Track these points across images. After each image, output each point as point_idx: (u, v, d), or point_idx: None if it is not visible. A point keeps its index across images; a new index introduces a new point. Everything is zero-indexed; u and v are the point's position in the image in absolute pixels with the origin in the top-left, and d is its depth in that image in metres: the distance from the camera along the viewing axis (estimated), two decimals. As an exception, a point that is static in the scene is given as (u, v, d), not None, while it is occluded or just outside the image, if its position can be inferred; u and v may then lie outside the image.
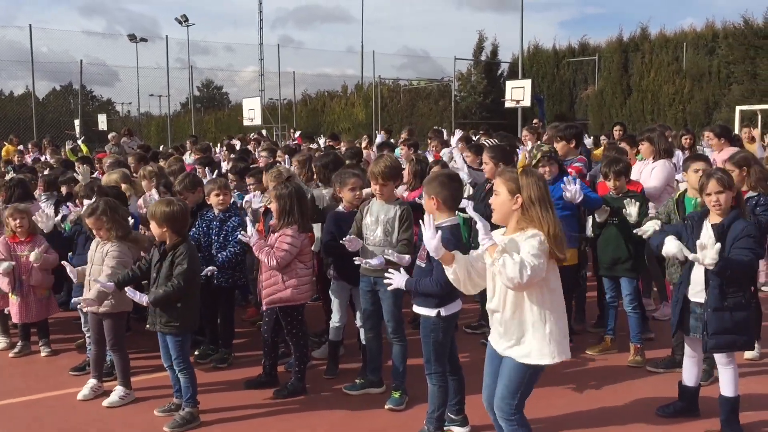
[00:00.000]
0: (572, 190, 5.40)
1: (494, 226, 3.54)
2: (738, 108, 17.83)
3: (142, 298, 4.60)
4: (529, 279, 3.15)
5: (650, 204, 5.92)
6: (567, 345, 3.45)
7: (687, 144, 9.62)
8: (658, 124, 12.21)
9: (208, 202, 5.90)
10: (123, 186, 6.74)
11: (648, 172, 6.70)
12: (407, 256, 4.57)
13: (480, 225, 3.28)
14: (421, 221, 3.59)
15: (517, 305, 3.37)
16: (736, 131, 12.93)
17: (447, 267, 3.54)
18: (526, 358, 3.38)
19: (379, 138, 12.94)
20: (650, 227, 5.04)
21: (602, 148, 9.81)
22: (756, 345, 5.64)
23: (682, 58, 23.58)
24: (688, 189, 5.28)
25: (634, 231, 5.23)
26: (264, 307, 5.13)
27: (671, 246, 4.23)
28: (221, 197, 5.77)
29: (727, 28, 22.67)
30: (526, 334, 3.37)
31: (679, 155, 8.10)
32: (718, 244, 3.91)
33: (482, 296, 4.20)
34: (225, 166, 9.57)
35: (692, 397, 4.60)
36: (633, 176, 6.30)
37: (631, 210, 5.51)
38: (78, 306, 5.04)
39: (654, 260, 6.40)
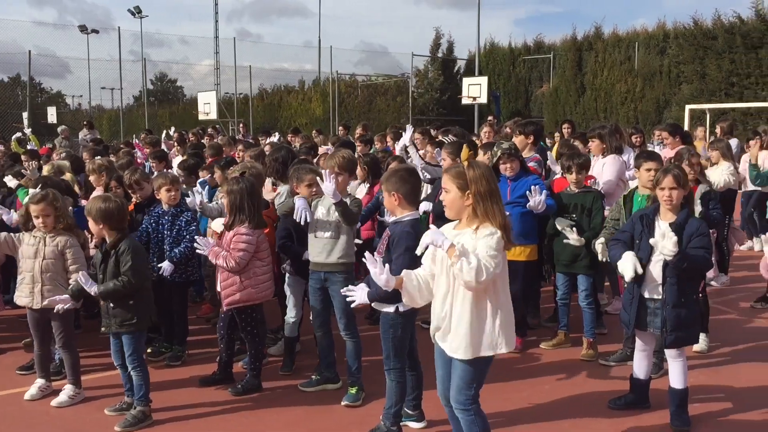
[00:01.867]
0: (537, 200, 5.44)
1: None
2: (687, 107, 18.26)
3: (92, 287, 4.48)
4: (486, 280, 3.18)
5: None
6: (513, 336, 3.49)
7: (637, 142, 9.82)
8: (611, 123, 12.44)
9: (158, 197, 5.78)
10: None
11: (599, 167, 6.81)
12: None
13: (430, 233, 3.25)
14: (364, 258, 3.50)
15: (465, 299, 3.37)
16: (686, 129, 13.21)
17: (402, 293, 3.53)
18: (469, 352, 3.38)
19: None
20: (600, 247, 5.22)
21: (556, 145, 9.93)
22: (704, 338, 5.81)
23: (634, 58, 24.04)
24: (639, 186, 5.37)
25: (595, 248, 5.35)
26: (224, 309, 5.05)
27: (627, 265, 4.27)
28: (172, 193, 5.66)
29: (677, 29, 23.18)
30: (466, 329, 3.36)
31: (630, 153, 8.26)
32: (675, 237, 4.00)
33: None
34: (175, 161, 9.40)
35: (643, 389, 4.70)
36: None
37: (571, 236, 5.56)
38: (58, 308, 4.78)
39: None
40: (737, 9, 23.87)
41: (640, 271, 4.24)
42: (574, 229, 5.55)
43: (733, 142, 10.44)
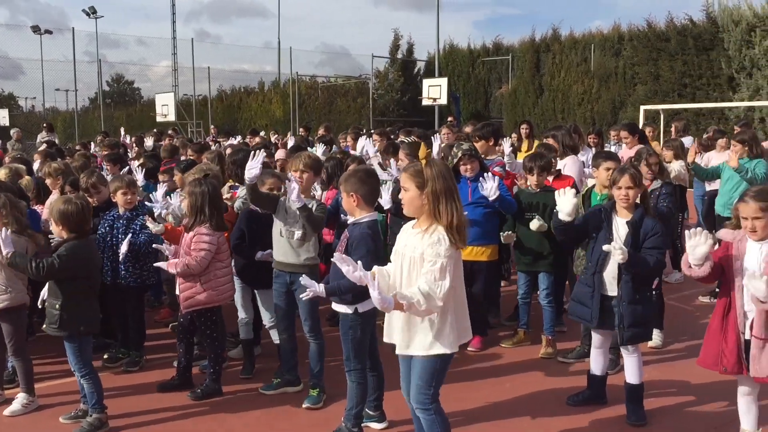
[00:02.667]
0: (489, 187, 5.50)
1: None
2: (642, 107, 18.60)
3: (7, 248, 4.37)
4: (442, 300, 3.22)
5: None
6: (469, 331, 3.53)
7: (594, 143, 10.00)
8: (570, 123, 12.63)
9: (114, 201, 5.68)
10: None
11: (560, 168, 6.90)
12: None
13: (374, 295, 3.15)
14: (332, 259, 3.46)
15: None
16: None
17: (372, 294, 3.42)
18: (429, 350, 3.39)
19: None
20: (536, 224, 5.47)
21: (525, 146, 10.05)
22: (659, 334, 5.93)
23: (590, 59, 24.40)
24: (597, 185, 5.46)
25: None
26: (183, 311, 4.99)
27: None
28: (128, 196, 5.56)
29: (631, 31, 23.58)
30: (426, 328, 3.38)
31: (588, 153, 8.40)
32: (624, 250, 4.11)
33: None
34: (134, 163, 9.25)
35: (600, 385, 4.77)
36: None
37: (532, 224, 5.66)
38: None
39: (567, 255, 6.61)
40: (689, 11, 24.47)
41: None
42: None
43: (687, 141, 10.68)
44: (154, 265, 5.07)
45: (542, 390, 5.10)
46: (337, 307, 4.23)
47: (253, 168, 4.75)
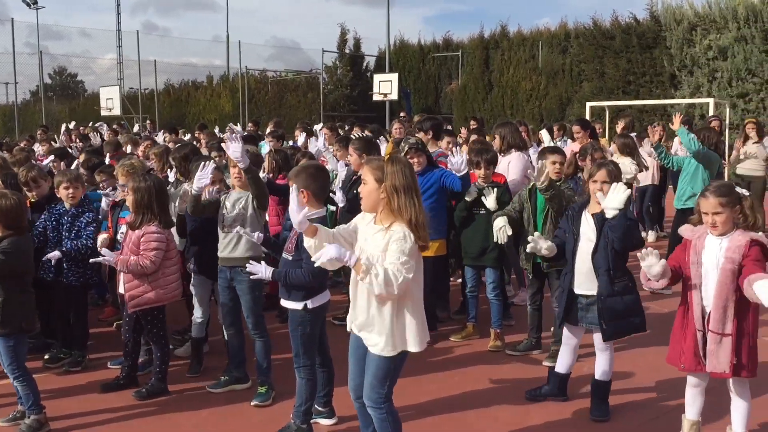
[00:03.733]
0: (457, 161, 5.56)
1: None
2: (588, 104, 18.98)
3: None
4: (399, 288, 3.16)
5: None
6: (426, 332, 3.50)
7: (541, 138, 10.13)
8: (517, 119, 12.79)
9: (58, 195, 5.52)
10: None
11: (505, 165, 6.96)
12: (257, 234, 4.48)
13: (335, 248, 3.16)
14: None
15: (378, 299, 3.36)
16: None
17: (308, 239, 3.40)
18: (390, 348, 3.38)
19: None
20: (499, 223, 5.39)
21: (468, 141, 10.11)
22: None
23: (538, 56, 24.76)
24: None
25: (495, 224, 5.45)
26: (129, 311, 4.87)
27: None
28: (71, 191, 5.40)
29: (578, 29, 23.98)
30: (388, 325, 3.36)
31: (535, 149, 8.50)
32: (628, 190, 4.05)
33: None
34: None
35: (562, 382, 4.73)
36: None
37: (490, 199, 5.72)
38: None
39: (512, 248, 6.69)
40: (633, 10, 24.98)
41: (509, 232, 4.45)
42: (494, 190, 5.77)
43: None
44: (91, 261, 4.91)
45: (492, 383, 5.15)
46: (285, 303, 4.19)
47: (203, 178, 4.69)
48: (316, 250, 3.34)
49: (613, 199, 4.10)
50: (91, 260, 4.96)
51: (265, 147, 8.95)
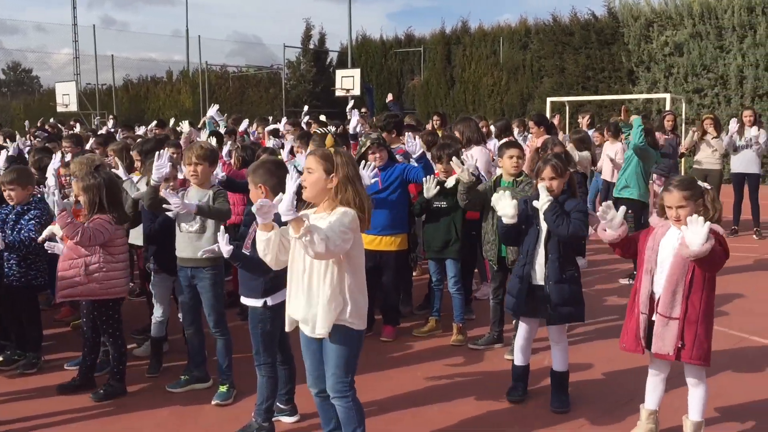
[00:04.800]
0: (413, 143, 5.60)
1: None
2: (549, 99, 19.17)
3: None
4: (337, 249, 3.16)
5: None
6: (365, 321, 3.50)
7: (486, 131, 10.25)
8: (476, 115, 12.88)
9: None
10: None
11: (467, 159, 7.00)
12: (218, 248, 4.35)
13: (287, 196, 3.09)
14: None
15: (320, 280, 3.34)
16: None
17: (262, 232, 3.34)
18: (338, 322, 3.36)
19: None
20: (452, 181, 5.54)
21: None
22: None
23: (499, 52, 24.90)
24: (503, 173, 5.57)
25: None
26: (57, 300, 4.75)
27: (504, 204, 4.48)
28: (7, 192, 5.21)
29: (538, 25, 24.17)
30: (331, 302, 3.33)
31: (495, 143, 8.57)
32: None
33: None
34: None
35: (524, 375, 4.75)
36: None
37: (450, 179, 5.72)
38: None
39: (478, 243, 6.73)
40: (592, 7, 25.29)
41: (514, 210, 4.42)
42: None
43: (590, 132, 11.09)
44: (45, 244, 4.78)
45: (454, 377, 5.18)
46: (245, 300, 4.15)
47: (161, 168, 4.61)
48: (271, 248, 3.33)
49: (502, 208, 4.32)
50: (46, 243, 4.81)
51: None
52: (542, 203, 4.32)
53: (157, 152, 4.86)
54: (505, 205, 4.43)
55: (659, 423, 4.12)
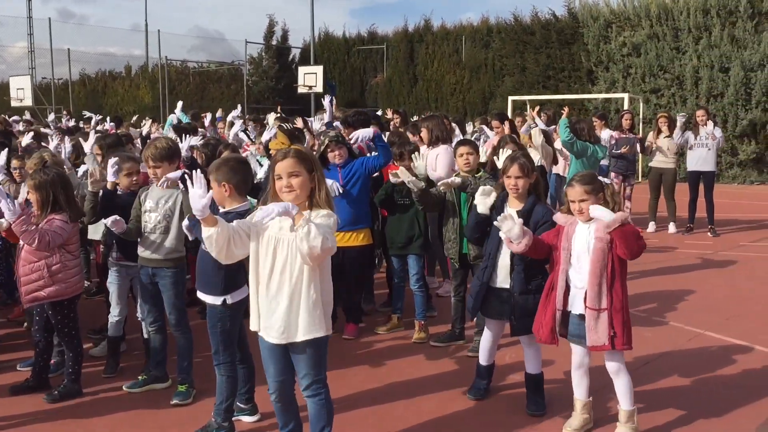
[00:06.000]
0: (359, 134, 5.66)
1: None
2: (510, 98, 19.39)
3: None
4: (329, 248, 3.16)
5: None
6: (330, 321, 3.49)
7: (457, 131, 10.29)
8: (440, 113, 12.93)
9: None
10: None
11: (432, 158, 6.99)
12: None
13: (280, 204, 3.15)
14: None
15: (292, 281, 3.32)
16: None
17: (206, 228, 3.26)
18: (316, 332, 3.35)
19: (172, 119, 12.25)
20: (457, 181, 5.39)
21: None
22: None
23: (461, 50, 25.07)
24: (460, 171, 5.59)
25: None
26: (25, 306, 4.64)
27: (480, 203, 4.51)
28: None
29: (499, 24, 24.42)
30: (311, 310, 3.33)
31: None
32: (520, 220, 4.06)
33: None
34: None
35: (489, 374, 4.76)
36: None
37: (401, 172, 5.56)
38: None
39: (437, 239, 6.74)
40: (552, 7, 25.53)
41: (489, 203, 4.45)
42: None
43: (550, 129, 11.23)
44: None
45: (417, 374, 5.18)
46: (204, 297, 4.08)
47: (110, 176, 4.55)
48: (209, 241, 3.25)
49: (509, 231, 4.03)
50: None
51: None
52: (506, 230, 4.05)
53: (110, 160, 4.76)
54: (482, 201, 4.49)
55: (592, 411, 4.26)
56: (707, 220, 10.67)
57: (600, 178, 4.07)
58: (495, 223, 4.06)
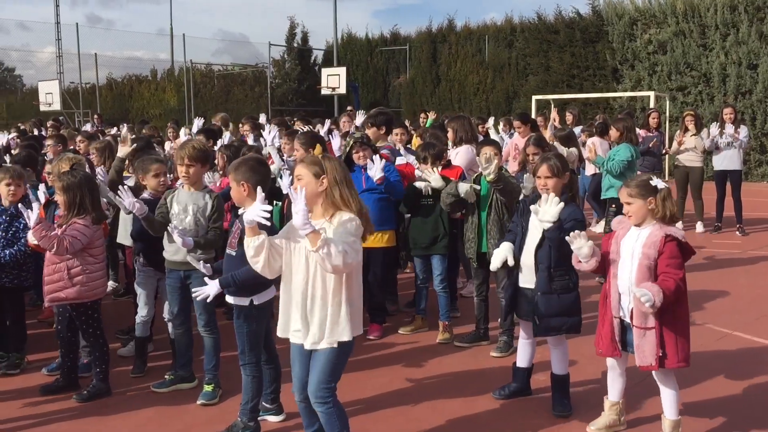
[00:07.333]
0: (374, 168, 5.56)
1: None
2: (534, 97, 19.25)
3: None
4: (353, 262, 3.21)
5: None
6: (361, 325, 3.52)
7: (483, 132, 10.27)
8: (459, 113, 12.91)
9: None
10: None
11: (453, 157, 7.02)
12: (207, 265, 4.33)
13: (299, 208, 3.16)
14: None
15: (325, 287, 3.36)
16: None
17: (249, 238, 3.37)
18: (336, 336, 3.37)
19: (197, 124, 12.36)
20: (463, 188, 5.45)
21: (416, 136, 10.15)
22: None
23: (484, 50, 24.95)
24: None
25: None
26: (46, 305, 4.72)
27: (496, 254, 4.52)
28: (12, 188, 5.21)
29: (523, 23, 24.25)
30: (332, 314, 3.37)
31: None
32: (561, 204, 4.07)
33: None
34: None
35: (525, 377, 4.70)
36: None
37: (433, 178, 5.70)
38: None
39: (460, 240, 6.73)
40: (576, 5, 25.23)
41: (511, 262, 4.41)
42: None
43: (577, 129, 11.16)
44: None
45: (441, 375, 5.18)
46: (231, 299, 4.12)
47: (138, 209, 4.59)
48: (263, 255, 3.36)
49: (545, 212, 4.15)
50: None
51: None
52: (545, 224, 4.15)
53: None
54: (495, 256, 4.53)
55: (623, 413, 4.19)
56: (735, 219, 10.53)
57: (655, 181, 3.88)
58: (568, 238, 3.91)
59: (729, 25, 18.91)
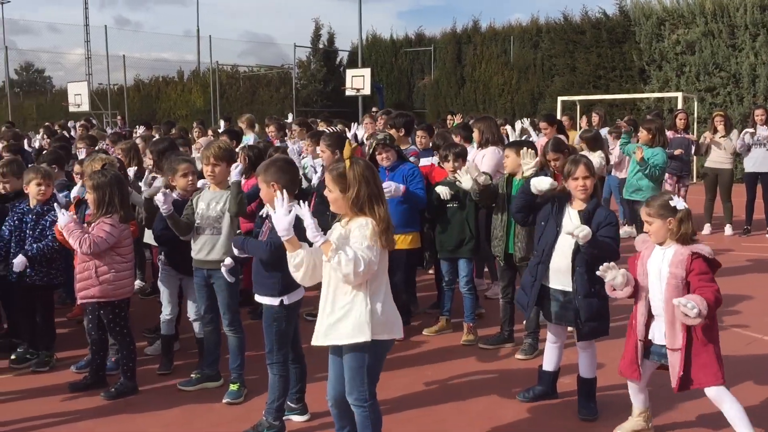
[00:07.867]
0: (390, 188, 5.42)
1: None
2: (560, 98, 19.11)
3: None
4: (364, 273, 3.21)
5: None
6: (397, 325, 3.51)
7: (505, 133, 10.22)
8: (483, 114, 12.86)
9: (26, 192, 5.41)
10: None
11: (479, 158, 6.98)
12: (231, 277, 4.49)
13: (308, 223, 3.24)
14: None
15: (339, 290, 3.38)
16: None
17: (291, 253, 3.40)
18: (354, 337, 3.36)
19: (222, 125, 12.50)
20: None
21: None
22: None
23: (509, 51, 24.84)
24: (507, 170, 5.55)
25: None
26: (78, 302, 4.80)
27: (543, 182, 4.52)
28: (42, 188, 5.30)
29: (549, 24, 24.10)
30: (347, 316, 3.36)
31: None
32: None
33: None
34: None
35: (551, 381, 4.68)
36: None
37: (464, 179, 5.58)
38: None
39: (485, 241, 6.70)
40: (603, 5, 25.15)
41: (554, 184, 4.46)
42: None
43: (603, 131, 11.06)
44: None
45: (464, 376, 5.16)
46: (260, 298, 4.14)
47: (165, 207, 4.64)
48: (298, 262, 3.40)
49: (581, 231, 4.04)
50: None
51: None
52: (580, 234, 4.06)
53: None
54: (542, 181, 4.52)
55: (651, 419, 4.15)
56: (765, 222, 10.35)
57: (675, 201, 3.82)
58: (599, 273, 3.89)
59: (759, 25, 18.61)
